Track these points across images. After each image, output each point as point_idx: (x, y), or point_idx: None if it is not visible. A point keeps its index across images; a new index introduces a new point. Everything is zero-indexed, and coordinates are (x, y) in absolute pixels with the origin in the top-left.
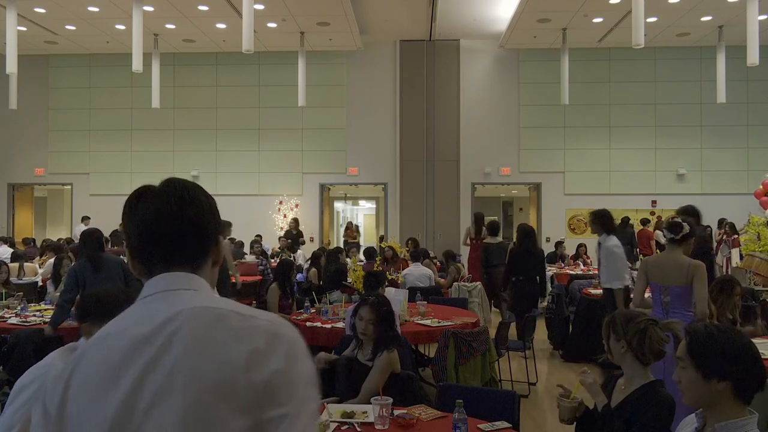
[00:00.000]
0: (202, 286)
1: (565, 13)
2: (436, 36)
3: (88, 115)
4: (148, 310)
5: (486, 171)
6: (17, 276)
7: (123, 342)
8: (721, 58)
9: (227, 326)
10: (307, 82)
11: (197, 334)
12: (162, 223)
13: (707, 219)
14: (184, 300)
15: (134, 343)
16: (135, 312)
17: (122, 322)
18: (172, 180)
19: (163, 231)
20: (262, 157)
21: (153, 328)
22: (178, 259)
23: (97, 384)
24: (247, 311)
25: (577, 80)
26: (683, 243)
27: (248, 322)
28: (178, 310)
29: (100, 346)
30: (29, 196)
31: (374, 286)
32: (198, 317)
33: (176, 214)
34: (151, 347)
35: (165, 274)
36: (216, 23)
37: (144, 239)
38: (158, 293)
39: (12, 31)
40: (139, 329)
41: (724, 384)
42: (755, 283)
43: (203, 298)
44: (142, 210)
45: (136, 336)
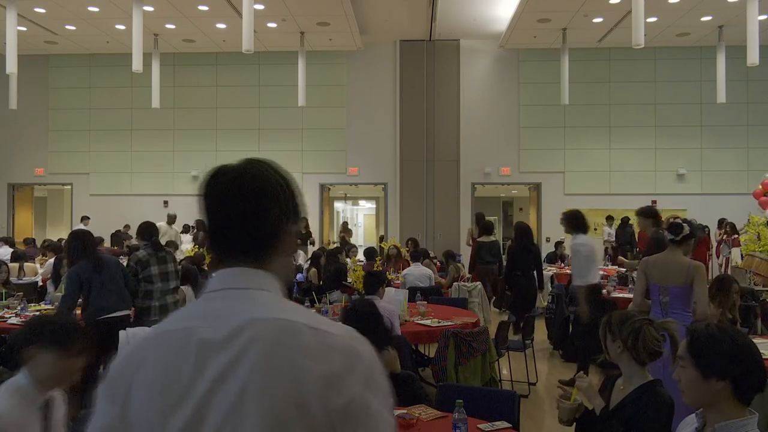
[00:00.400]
0: (273, 286)
1: (565, 13)
2: (436, 36)
3: (88, 115)
4: (214, 309)
5: (486, 171)
6: (17, 276)
7: (189, 345)
8: (721, 58)
9: (301, 343)
10: (307, 82)
11: (269, 351)
12: (226, 210)
13: (707, 219)
14: (255, 305)
15: (202, 349)
16: (198, 309)
17: (185, 320)
18: (247, 160)
19: (228, 218)
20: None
21: (223, 337)
22: (246, 251)
23: (162, 389)
24: (323, 325)
25: (577, 80)
26: (683, 244)
27: (324, 338)
28: (249, 320)
29: (161, 343)
30: (29, 196)
31: (375, 286)
32: (270, 331)
33: (240, 199)
34: (221, 358)
35: (233, 268)
36: (216, 23)
37: (212, 226)
38: (224, 290)
39: (12, 31)
40: (207, 333)
41: (723, 384)
42: (755, 283)
43: (275, 306)
44: (210, 192)
45: (204, 341)
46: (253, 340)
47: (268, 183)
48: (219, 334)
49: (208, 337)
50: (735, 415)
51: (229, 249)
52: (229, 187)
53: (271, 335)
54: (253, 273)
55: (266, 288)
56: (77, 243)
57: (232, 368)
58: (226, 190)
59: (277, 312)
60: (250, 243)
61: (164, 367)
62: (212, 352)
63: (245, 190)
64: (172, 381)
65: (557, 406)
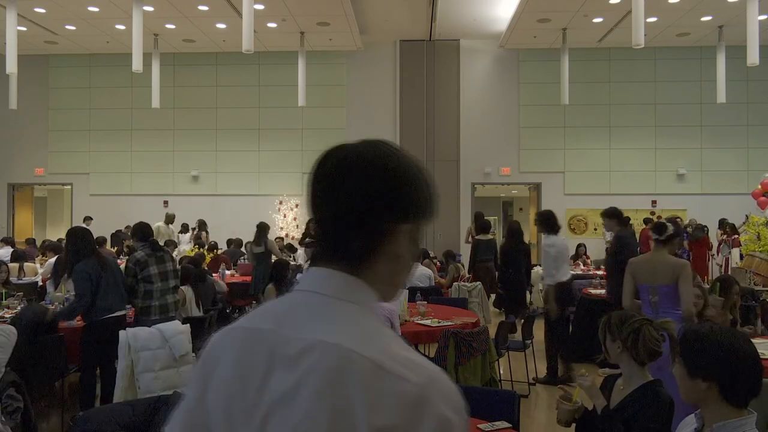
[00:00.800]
0: (365, 298)
1: (565, 13)
2: (436, 36)
3: (88, 115)
4: (293, 314)
5: (486, 171)
6: (17, 276)
7: (262, 351)
8: (721, 58)
9: (362, 386)
10: (307, 82)
11: (325, 388)
12: (325, 198)
13: (707, 219)
14: (330, 322)
15: (271, 360)
16: (282, 309)
17: (266, 319)
18: (365, 142)
19: (325, 209)
20: (262, 157)
21: (291, 355)
22: (341, 251)
23: (234, 392)
24: (398, 364)
25: (577, 80)
26: (668, 243)
27: (392, 385)
28: (317, 341)
29: (241, 340)
30: (29, 196)
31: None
32: (332, 363)
33: (341, 187)
34: (284, 380)
35: (323, 269)
36: (216, 23)
37: (314, 215)
38: (306, 292)
39: (12, 31)
40: (279, 343)
41: (708, 384)
42: (755, 283)
43: (352, 329)
44: (314, 176)
45: (274, 353)
46: (313, 369)
47: (382, 171)
48: (288, 349)
49: (278, 350)
50: (731, 415)
51: (323, 245)
52: (331, 173)
53: (331, 371)
54: (343, 279)
55: (355, 300)
56: (78, 240)
57: (293, 395)
58: (328, 176)
59: (350, 338)
60: (347, 242)
61: (239, 367)
62: (280, 367)
63: (349, 177)
64: (244, 385)
65: (557, 407)
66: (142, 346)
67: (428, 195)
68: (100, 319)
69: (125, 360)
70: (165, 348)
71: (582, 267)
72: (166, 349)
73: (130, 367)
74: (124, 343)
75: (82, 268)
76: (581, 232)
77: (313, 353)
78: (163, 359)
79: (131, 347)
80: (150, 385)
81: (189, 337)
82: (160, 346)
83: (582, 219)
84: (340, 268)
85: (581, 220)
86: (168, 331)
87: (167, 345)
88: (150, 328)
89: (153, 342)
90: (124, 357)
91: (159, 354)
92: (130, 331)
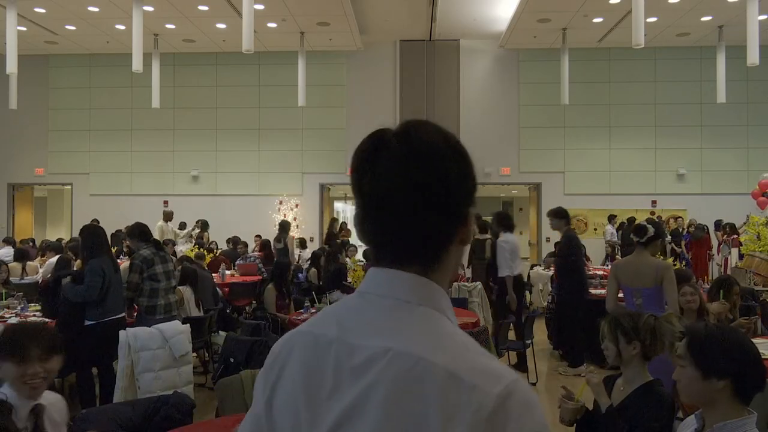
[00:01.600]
0: (435, 298)
1: (565, 13)
2: (436, 36)
3: (88, 115)
4: (360, 319)
5: (486, 171)
6: (20, 277)
7: (329, 359)
8: (721, 58)
9: (432, 397)
10: (307, 82)
11: (393, 398)
12: (379, 192)
13: (707, 219)
14: (400, 328)
15: (338, 368)
16: (348, 314)
17: (332, 324)
18: (413, 124)
19: (386, 205)
20: (262, 157)
21: (358, 363)
22: (407, 249)
23: (303, 399)
24: (475, 375)
25: (577, 80)
26: (649, 245)
27: (469, 395)
28: (385, 348)
29: (308, 346)
30: (29, 196)
31: None
32: (401, 371)
33: (395, 182)
34: (353, 389)
35: (388, 270)
36: (216, 23)
37: (365, 213)
38: (371, 295)
39: (12, 31)
40: (346, 351)
41: (724, 382)
42: (755, 283)
43: (423, 333)
44: (365, 168)
45: (341, 360)
46: (381, 379)
47: (455, 153)
48: (354, 357)
49: (344, 358)
50: (733, 415)
51: (384, 244)
52: (393, 165)
53: (400, 381)
54: (413, 281)
55: (425, 302)
56: (91, 237)
57: (361, 407)
58: (387, 168)
59: (421, 344)
60: (414, 239)
61: (306, 375)
62: (347, 376)
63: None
64: (311, 394)
65: (559, 406)
66: (142, 346)
67: (474, 174)
68: (105, 320)
69: (125, 360)
70: (165, 348)
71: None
72: (166, 349)
73: (130, 367)
74: (124, 343)
75: (97, 264)
76: (581, 232)
77: (381, 362)
78: (163, 359)
79: (131, 347)
80: (150, 385)
81: (189, 337)
82: (161, 346)
83: (582, 219)
84: (409, 268)
85: (581, 220)
86: (168, 331)
87: (167, 345)
88: (150, 328)
89: (153, 342)
90: (125, 357)
91: (159, 354)
92: (130, 331)
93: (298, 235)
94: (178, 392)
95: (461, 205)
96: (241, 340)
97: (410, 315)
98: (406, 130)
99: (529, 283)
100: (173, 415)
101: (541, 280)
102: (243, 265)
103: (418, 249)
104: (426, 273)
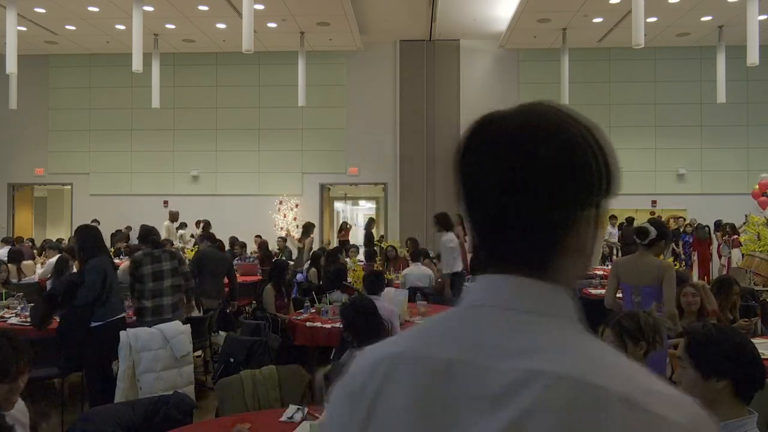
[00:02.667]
0: (564, 307)
1: (565, 13)
2: (436, 36)
3: (88, 115)
4: (479, 337)
5: None
6: (18, 278)
7: (449, 384)
8: (721, 58)
9: (616, 426)
10: (307, 82)
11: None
12: (492, 183)
13: (707, 219)
14: (541, 346)
15: (467, 397)
16: (460, 331)
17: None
18: (529, 107)
19: (493, 199)
20: (262, 157)
21: (492, 394)
22: (522, 250)
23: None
24: (654, 402)
25: (577, 80)
26: (653, 246)
27: (649, 424)
28: (533, 372)
29: (416, 366)
30: (29, 196)
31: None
32: (564, 401)
33: (518, 169)
34: (492, 421)
35: (501, 276)
36: (216, 23)
37: (471, 210)
38: (489, 307)
39: (12, 31)
40: (470, 373)
41: (724, 383)
42: (755, 283)
43: (575, 351)
44: (470, 156)
45: (469, 387)
46: (537, 407)
47: (570, 144)
48: (491, 383)
49: (474, 385)
50: (734, 416)
51: (493, 244)
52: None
53: (564, 408)
54: (532, 286)
55: (554, 312)
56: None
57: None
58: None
59: (578, 365)
60: (529, 238)
61: (420, 403)
62: (482, 405)
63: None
64: (432, 424)
65: None
66: (143, 346)
67: (615, 164)
68: (110, 320)
69: (126, 361)
70: (166, 348)
71: None
72: (167, 350)
73: (131, 368)
74: (125, 344)
75: (97, 263)
76: None
77: (533, 387)
78: (164, 360)
79: (132, 348)
80: (151, 386)
81: (189, 337)
82: (162, 347)
83: None
84: (522, 272)
85: None
86: (169, 332)
87: (168, 345)
88: (151, 329)
89: (154, 342)
90: (126, 358)
91: (160, 354)
92: (131, 331)
93: (298, 235)
94: (178, 392)
95: (571, 204)
96: (241, 340)
97: (541, 328)
98: (520, 111)
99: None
100: (173, 415)
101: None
102: (243, 266)
103: (532, 252)
104: (548, 278)
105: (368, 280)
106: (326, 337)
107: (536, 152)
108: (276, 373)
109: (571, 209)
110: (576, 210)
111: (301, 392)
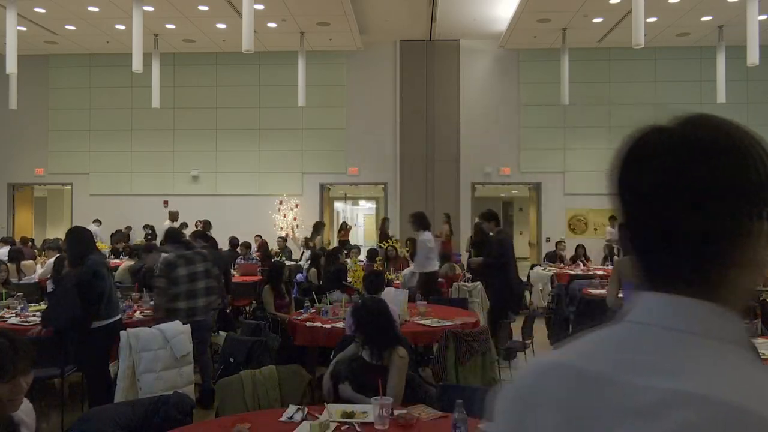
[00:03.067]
0: (729, 329)
1: (565, 13)
2: (436, 36)
3: (88, 115)
4: (635, 353)
5: (486, 171)
6: (17, 278)
7: (599, 398)
8: (721, 58)
9: None
10: (307, 82)
11: None
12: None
13: None
14: (692, 368)
15: (614, 410)
16: (616, 345)
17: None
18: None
19: (661, 213)
20: (262, 157)
21: (643, 407)
22: (686, 269)
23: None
24: None
25: (577, 80)
26: None
27: None
28: (678, 393)
29: (569, 378)
30: (29, 196)
31: (376, 288)
32: (710, 425)
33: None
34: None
35: (660, 295)
36: (216, 23)
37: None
38: (645, 325)
39: (12, 31)
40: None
41: None
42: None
43: (727, 375)
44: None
45: (617, 402)
46: (683, 429)
47: (745, 157)
48: (637, 399)
49: (623, 399)
50: None
51: (657, 260)
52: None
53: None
54: (698, 306)
55: (715, 334)
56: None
57: None
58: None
59: (728, 388)
60: (697, 253)
61: (570, 415)
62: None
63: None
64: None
65: None
66: (143, 346)
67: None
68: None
69: (126, 361)
70: (166, 348)
71: (582, 267)
72: (168, 350)
73: (131, 368)
74: (125, 344)
75: (98, 258)
76: (581, 232)
77: (680, 409)
78: (164, 360)
79: (132, 348)
80: (151, 386)
81: (189, 337)
82: (162, 347)
83: (582, 219)
84: (682, 291)
85: (581, 220)
86: (169, 332)
87: (168, 345)
88: (151, 329)
89: (154, 342)
90: (126, 358)
91: (160, 354)
92: (131, 331)
93: (298, 234)
94: (178, 392)
95: (752, 211)
96: (241, 340)
97: (697, 350)
98: (688, 122)
99: (528, 283)
100: (173, 415)
101: (541, 280)
102: (244, 265)
103: (706, 265)
104: (720, 297)
105: (368, 280)
106: (326, 337)
107: (710, 164)
108: (276, 373)
109: (743, 222)
110: (746, 223)
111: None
